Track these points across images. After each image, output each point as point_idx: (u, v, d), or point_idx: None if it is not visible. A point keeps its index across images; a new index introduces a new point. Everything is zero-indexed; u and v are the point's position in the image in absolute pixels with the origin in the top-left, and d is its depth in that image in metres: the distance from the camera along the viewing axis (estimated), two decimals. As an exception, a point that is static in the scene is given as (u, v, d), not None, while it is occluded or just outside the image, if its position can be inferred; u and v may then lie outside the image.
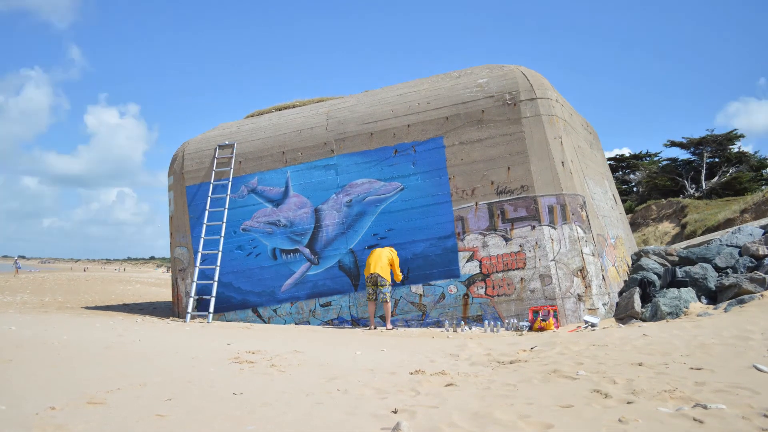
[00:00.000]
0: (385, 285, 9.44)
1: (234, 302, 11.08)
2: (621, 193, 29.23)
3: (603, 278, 9.57)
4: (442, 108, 10.31)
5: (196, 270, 11.16)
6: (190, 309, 10.84)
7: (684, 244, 12.84)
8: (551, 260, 9.16)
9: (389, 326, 9.48)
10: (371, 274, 9.45)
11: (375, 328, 9.47)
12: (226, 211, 11.26)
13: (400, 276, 9.68)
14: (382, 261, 9.49)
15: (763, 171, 29.81)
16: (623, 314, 9.05)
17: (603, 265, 9.78)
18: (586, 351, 5.69)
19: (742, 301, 8.01)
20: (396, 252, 9.76)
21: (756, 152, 28.93)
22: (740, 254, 9.78)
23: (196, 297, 11.03)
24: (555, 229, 9.30)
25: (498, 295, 9.30)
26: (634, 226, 24.27)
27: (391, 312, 9.71)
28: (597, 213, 10.64)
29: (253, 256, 11.10)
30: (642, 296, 9.43)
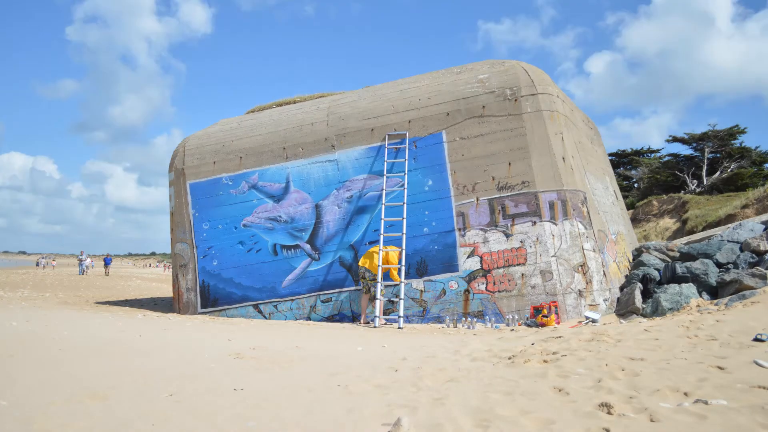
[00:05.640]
0: (366, 278, 9.63)
1: (235, 298, 11.09)
2: (622, 188, 29.18)
3: (604, 274, 9.56)
4: (442, 104, 10.28)
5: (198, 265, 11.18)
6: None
7: (685, 239, 12.82)
8: (552, 256, 9.15)
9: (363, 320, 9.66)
10: (360, 267, 9.77)
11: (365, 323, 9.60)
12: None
13: (396, 277, 9.54)
14: (375, 258, 9.56)
15: (765, 166, 29.74)
16: (624, 310, 9.04)
17: (604, 261, 9.77)
18: (587, 347, 5.69)
19: (743, 297, 8.00)
20: (396, 253, 9.64)
21: (757, 147, 28.87)
22: (741, 250, 9.76)
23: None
24: (556, 224, 9.29)
25: (499, 291, 9.29)
26: (635, 221, 24.24)
27: (380, 307, 9.42)
28: (598, 209, 10.63)
29: (254, 251, 11.10)
30: (643, 292, 9.43)
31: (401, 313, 9.15)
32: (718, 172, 27.98)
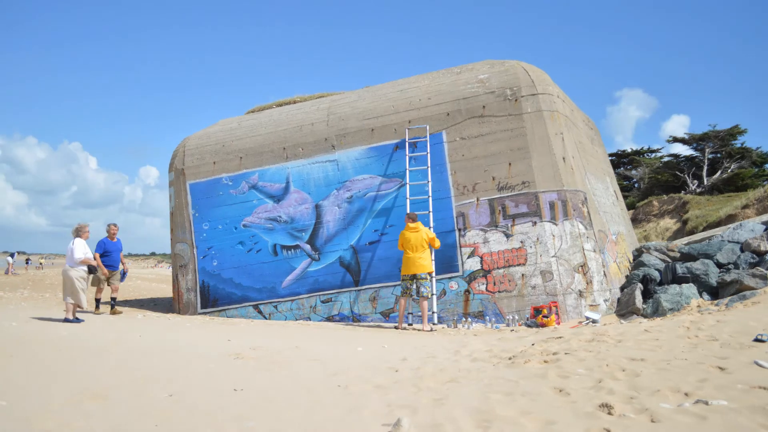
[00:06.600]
0: (426, 279, 8.64)
1: (235, 298, 11.09)
2: (622, 188, 29.15)
3: (604, 274, 9.55)
4: (443, 104, 10.28)
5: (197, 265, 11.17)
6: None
7: (685, 240, 12.82)
8: (552, 256, 9.15)
9: (426, 326, 8.56)
10: (411, 275, 8.59)
11: (406, 328, 8.82)
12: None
13: (437, 244, 8.96)
14: (421, 253, 8.57)
15: (765, 166, 29.72)
16: (624, 310, 9.04)
17: (604, 261, 9.77)
18: (587, 347, 5.68)
19: (743, 297, 7.99)
20: (425, 226, 9.17)
21: (758, 148, 28.86)
22: (742, 250, 9.76)
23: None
24: (556, 225, 9.28)
25: (499, 291, 9.28)
26: (636, 221, 24.23)
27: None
28: (598, 209, 10.62)
29: (253, 252, 11.09)
30: (643, 292, 9.42)
31: (434, 309, 9.17)
32: (718, 173, 27.96)
